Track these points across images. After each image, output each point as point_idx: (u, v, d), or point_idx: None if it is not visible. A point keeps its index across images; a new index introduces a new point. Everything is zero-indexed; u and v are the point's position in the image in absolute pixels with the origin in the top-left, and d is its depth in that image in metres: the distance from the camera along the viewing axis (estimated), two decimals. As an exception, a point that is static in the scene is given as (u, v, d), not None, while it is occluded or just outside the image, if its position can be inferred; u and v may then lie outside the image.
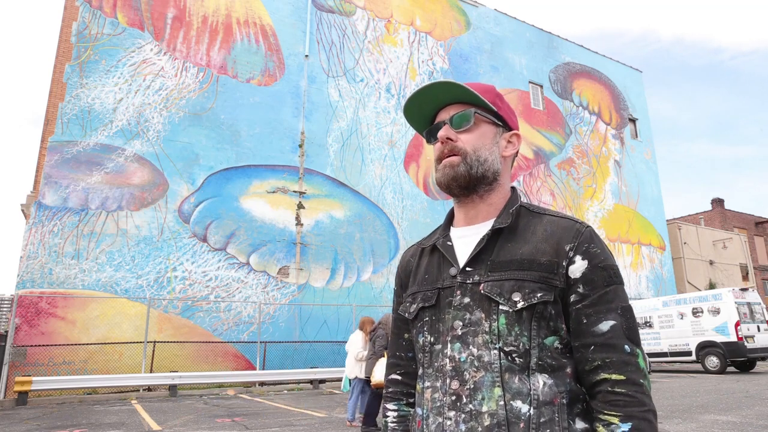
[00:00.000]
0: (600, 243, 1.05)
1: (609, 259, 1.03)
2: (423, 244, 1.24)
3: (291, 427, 7.14)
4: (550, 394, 0.96)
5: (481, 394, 0.98)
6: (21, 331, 11.86)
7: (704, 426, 6.49)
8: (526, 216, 1.11)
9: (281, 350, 14.71)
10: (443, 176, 1.12)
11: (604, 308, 0.99)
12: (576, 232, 1.04)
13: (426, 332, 1.11)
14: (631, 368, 0.95)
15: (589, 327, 0.99)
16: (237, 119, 16.05)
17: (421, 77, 20.31)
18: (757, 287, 32.26)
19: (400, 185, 18.63)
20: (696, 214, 38.05)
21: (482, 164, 1.10)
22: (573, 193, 23.60)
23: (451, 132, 1.11)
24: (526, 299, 0.99)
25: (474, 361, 1.00)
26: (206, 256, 14.57)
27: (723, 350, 14.15)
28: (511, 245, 1.06)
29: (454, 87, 1.11)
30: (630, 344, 0.97)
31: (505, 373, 0.98)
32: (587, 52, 27.15)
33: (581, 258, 1.02)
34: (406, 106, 1.16)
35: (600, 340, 0.98)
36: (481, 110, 1.13)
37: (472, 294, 1.04)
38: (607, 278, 1.01)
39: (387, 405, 1.24)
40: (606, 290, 1.00)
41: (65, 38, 14.40)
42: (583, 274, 1.01)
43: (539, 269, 1.02)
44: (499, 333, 1.00)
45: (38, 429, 7.31)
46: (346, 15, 19.16)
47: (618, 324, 0.98)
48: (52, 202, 13.02)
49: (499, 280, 1.03)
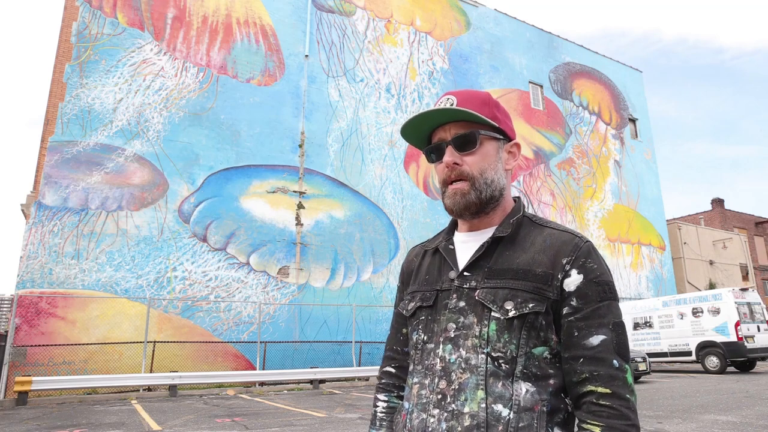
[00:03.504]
0: (597, 259, 1.06)
1: (605, 275, 1.04)
2: (427, 246, 1.27)
3: (291, 427, 7.14)
4: (532, 401, 0.98)
5: (464, 395, 1.00)
6: (21, 331, 11.86)
7: (704, 426, 6.49)
8: (528, 226, 1.13)
9: (281, 350, 14.71)
10: (454, 205, 1.12)
11: (596, 323, 1.00)
12: (574, 246, 1.05)
13: (420, 330, 1.14)
14: (618, 383, 0.96)
15: (579, 340, 1.00)
16: (237, 119, 16.05)
17: (421, 77, 20.31)
18: (757, 287, 32.25)
19: (400, 185, 18.63)
20: (696, 214, 38.05)
21: (490, 186, 1.12)
22: (573, 193, 23.60)
23: (456, 156, 1.11)
24: (518, 308, 1.01)
25: (462, 363, 1.03)
26: (206, 256, 14.57)
27: (723, 350, 14.15)
28: (510, 254, 1.08)
29: (454, 111, 1.10)
30: (619, 359, 0.98)
31: (489, 378, 1.00)
32: (587, 52, 27.15)
33: (577, 272, 1.03)
34: (403, 129, 1.16)
35: (589, 354, 0.99)
36: (482, 128, 1.12)
37: (468, 299, 1.07)
38: (601, 293, 1.02)
39: (378, 395, 1.28)
40: (599, 305, 1.01)
41: (65, 38, 14.39)
42: (577, 287, 1.02)
43: (534, 280, 1.03)
44: (489, 338, 1.02)
45: (38, 429, 7.31)
46: (346, 15, 19.16)
47: (608, 339, 0.99)
48: (52, 202, 13.03)
49: (493, 288, 1.05)
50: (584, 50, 27.05)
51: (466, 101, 1.11)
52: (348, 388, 13.32)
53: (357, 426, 7.13)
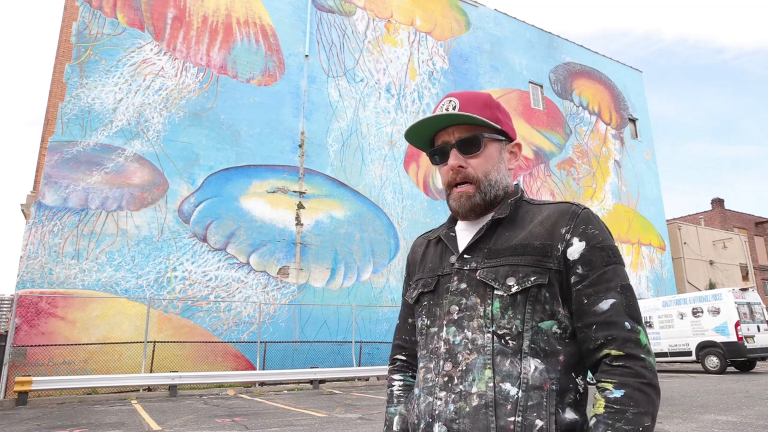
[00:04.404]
0: (598, 224, 1.06)
1: (607, 240, 1.04)
2: (429, 236, 1.30)
3: (291, 427, 7.14)
4: (540, 379, 0.98)
5: (472, 376, 1.00)
6: (21, 331, 11.86)
7: (704, 426, 6.49)
8: (526, 207, 1.15)
9: (281, 350, 14.71)
10: (459, 207, 1.14)
11: (604, 287, 1.00)
12: (572, 214, 1.06)
13: (424, 316, 1.15)
14: (630, 344, 0.96)
15: (590, 307, 1.00)
16: (237, 119, 16.05)
17: (421, 77, 20.31)
18: (757, 287, 32.25)
19: (400, 185, 18.63)
20: (696, 214, 38.05)
21: (494, 187, 1.14)
22: (573, 193, 23.60)
23: (461, 160, 1.13)
24: (520, 283, 1.02)
25: (468, 344, 1.03)
26: (206, 256, 14.57)
27: (723, 350, 14.15)
28: (509, 233, 1.09)
29: (457, 116, 1.11)
30: (630, 321, 0.98)
31: (496, 356, 1.00)
32: (587, 52, 27.15)
33: (578, 239, 1.03)
34: (407, 133, 1.18)
35: (601, 319, 0.99)
36: (485, 131, 1.14)
37: (469, 280, 1.08)
38: (606, 258, 1.02)
39: (393, 376, 1.29)
40: (605, 269, 1.01)
41: (65, 38, 14.39)
42: (581, 255, 1.02)
43: (533, 253, 1.04)
44: (493, 317, 1.02)
45: (38, 429, 7.31)
46: (346, 15, 19.16)
47: (618, 302, 0.99)
48: (52, 202, 13.02)
49: (494, 266, 1.05)
50: (584, 50, 27.06)
51: (468, 104, 1.12)
52: (348, 388, 13.33)
53: (357, 426, 7.13)
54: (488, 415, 0.96)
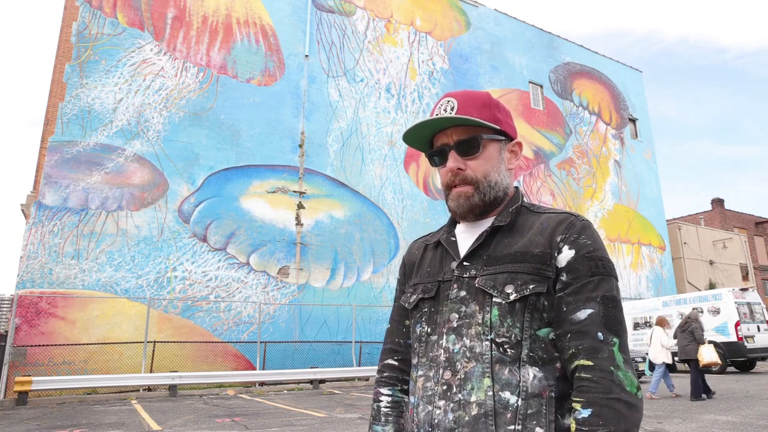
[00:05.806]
0: (592, 235, 1.04)
1: (599, 251, 1.02)
2: (428, 240, 1.27)
3: (291, 427, 7.15)
4: (539, 387, 0.97)
5: (470, 384, 0.99)
6: (21, 331, 11.86)
7: (704, 426, 6.49)
8: (526, 214, 1.13)
9: (281, 350, 14.71)
10: (458, 207, 1.13)
11: (584, 297, 0.98)
12: (569, 224, 1.05)
13: (424, 323, 1.13)
14: (601, 355, 0.94)
15: (567, 315, 0.99)
16: (237, 119, 16.05)
17: (421, 77, 20.31)
18: (757, 287, 32.24)
19: (400, 185, 18.63)
20: (696, 214, 38.04)
21: (493, 188, 1.13)
22: (573, 193, 23.60)
23: (460, 162, 1.12)
24: (519, 291, 1.01)
25: (466, 352, 1.02)
26: (206, 256, 14.57)
27: (723, 350, 14.14)
28: (508, 241, 1.08)
29: (454, 118, 1.10)
30: (605, 332, 0.95)
31: (495, 365, 0.99)
32: (587, 52, 27.15)
33: (569, 248, 1.02)
34: (405, 136, 1.17)
35: (575, 328, 0.97)
36: (484, 132, 1.12)
37: (468, 287, 1.07)
38: (593, 268, 1.00)
39: (381, 390, 1.24)
40: (590, 279, 0.99)
41: (65, 38, 14.39)
42: (568, 263, 1.01)
43: (532, 261, 1.03)
44: (492, 324, 1.01)
45: (38, 429, 7.31)
46: (346, 15, 19.16)
47: (596, 312, 0.97)
48: (52, 202, 13.02)
49: (493, 274, 1.05)
50: (584, 50, 27.05)
51: (466, 104, 1.11)
52: (348, 388, 13.33)
53: (357, 426, 7.13)
54: (488, 424, 0.96)
